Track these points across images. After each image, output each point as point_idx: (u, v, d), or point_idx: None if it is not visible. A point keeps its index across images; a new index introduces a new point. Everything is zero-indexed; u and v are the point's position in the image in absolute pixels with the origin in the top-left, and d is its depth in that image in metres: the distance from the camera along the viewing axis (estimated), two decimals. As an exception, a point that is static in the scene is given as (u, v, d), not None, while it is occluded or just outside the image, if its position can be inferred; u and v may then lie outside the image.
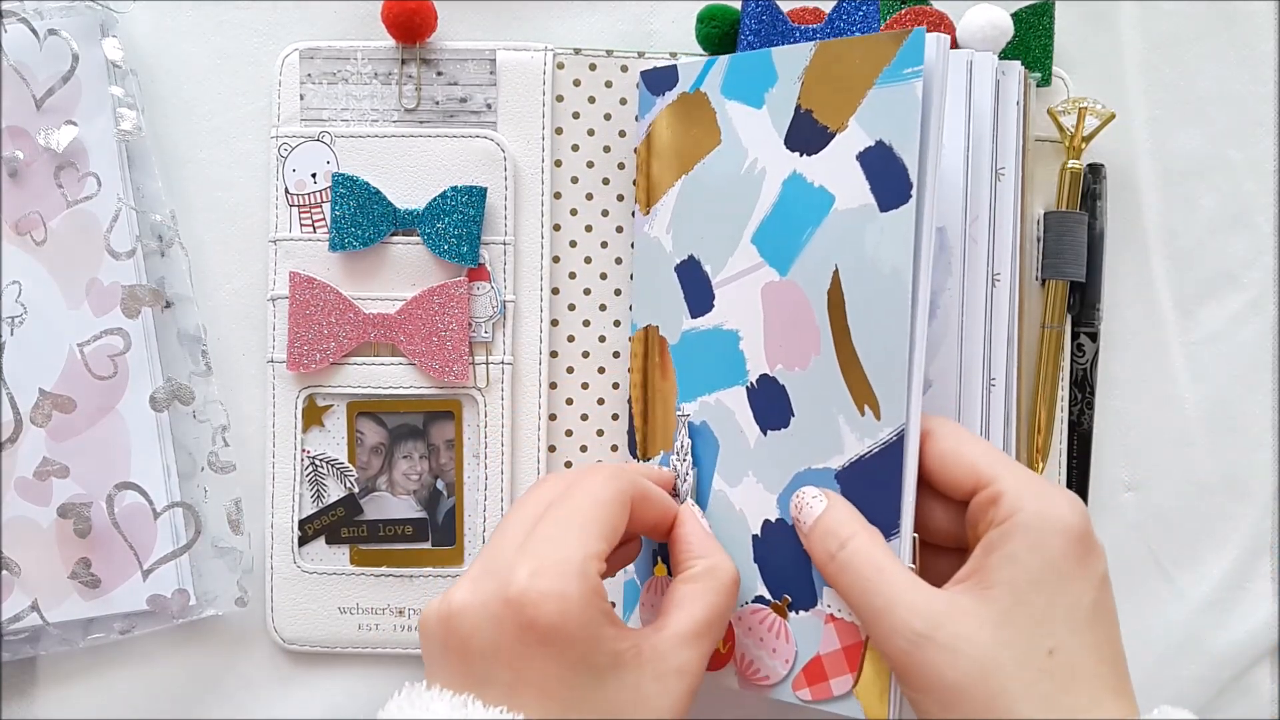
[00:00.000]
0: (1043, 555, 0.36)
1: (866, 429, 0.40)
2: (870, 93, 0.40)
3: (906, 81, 0.39)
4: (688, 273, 0.46)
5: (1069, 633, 0.35)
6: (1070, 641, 0.35)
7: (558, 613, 0.34)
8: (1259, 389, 0.53)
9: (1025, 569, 0.36)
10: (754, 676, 0.43)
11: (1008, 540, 0.36)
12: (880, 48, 0.40)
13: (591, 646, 0.35)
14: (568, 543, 0.36)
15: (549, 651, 0.35)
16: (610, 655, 0.36)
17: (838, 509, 0.39)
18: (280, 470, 0.50)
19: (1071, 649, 0.35)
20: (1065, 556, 0.36)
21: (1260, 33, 0.53)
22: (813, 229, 0.42)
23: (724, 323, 0.45)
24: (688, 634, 0.37)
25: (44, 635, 0.49)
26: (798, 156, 0.42)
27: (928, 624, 0.35)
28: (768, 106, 0.43)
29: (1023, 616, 0.35)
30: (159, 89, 0.52)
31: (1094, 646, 0.35)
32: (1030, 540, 0.36)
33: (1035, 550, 0.36)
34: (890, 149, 0.40)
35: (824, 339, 0.41)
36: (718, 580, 0.39)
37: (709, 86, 0.46)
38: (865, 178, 0.40)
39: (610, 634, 0.36)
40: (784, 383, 0.42)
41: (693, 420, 0.46)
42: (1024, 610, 0.35)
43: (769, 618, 0.43)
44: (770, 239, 0.43)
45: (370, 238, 0.49)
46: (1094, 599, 0.36)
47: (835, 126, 0.41)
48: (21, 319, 0.49)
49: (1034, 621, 0.35)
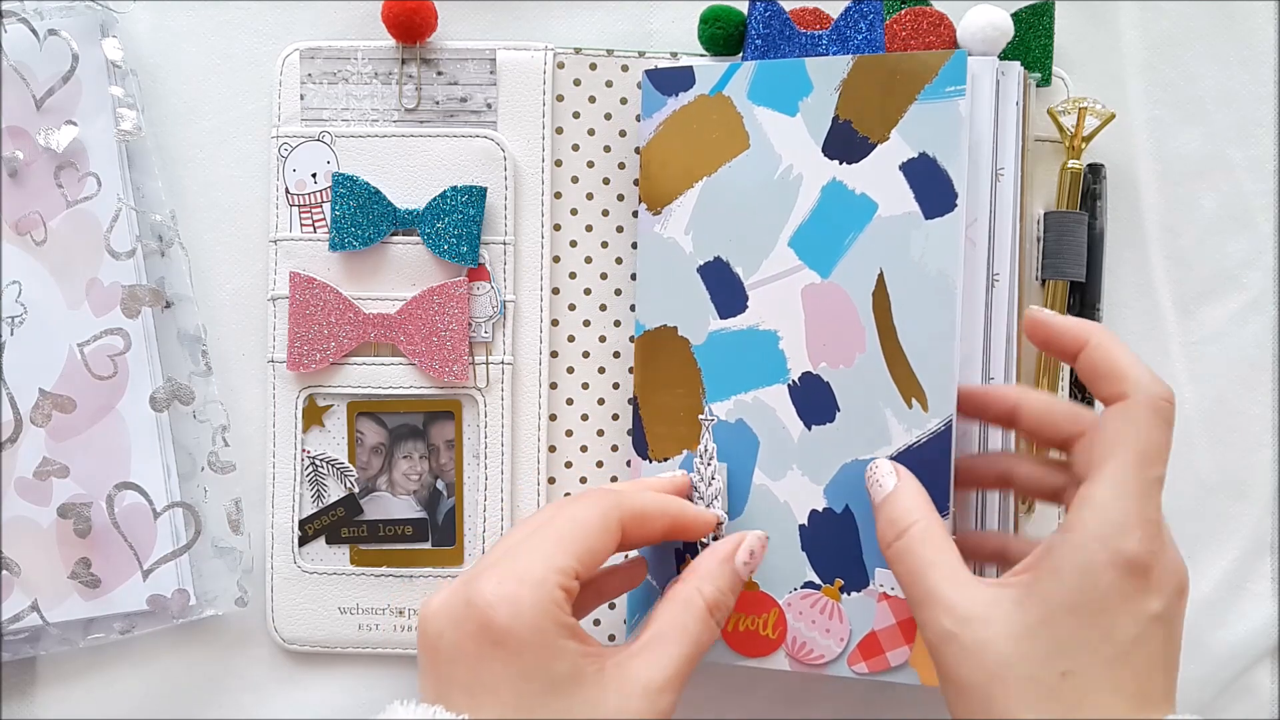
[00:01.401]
0: (1088, 582, 0.35)
1: (915, 420, 0.44)
2: (913, 107, 0.44)
3: (949, 99, 0.44)
4: (714, 274, 0.47)
5: (1090, 662, 0.34)
6: (1089, 670, 0.34)
7: (510, 616, 0.35)
8: (1259, 389, 0.53)
9: (1066, 590, 0.35)
10: (807, 657, 0.46)
11: (1061, 553, 0.35)
12: (923, 66, 0.44)
13: (546, 655, 0.35)
14: (535, 557, 0.37)
15: (502, 655, 0.35)
16: (569, 668, 0.36)
17: (901, 496, 0.40)
18: (280, 470, 0.50)
19: (1088, 677, 0.34)
20: (1112, 589, 0.34)
21: (1260, 33, 0.53)
22: (855, 234, 0.45)
23: (760, 323, 0.47)
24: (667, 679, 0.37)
25: (44, 635, 0.49)
26: (837, 164, 0.45)
27: (956, 623, 0.36)
28: (802, 114, 0.46)
29: (1048, 635, 0.35)
30: (159, 89, 0.52)
31: (1114, 681, 0.34)
32: (1080, 563, 0.35)
33: (1082, 576, 0.35)
34: (935, 161, 0.44)
35: (869, 337, 0.45)
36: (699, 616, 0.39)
37: (733, 91, 0.47)
38: (909, 187, 0.44)
39: (570, 647, 0.36)
40: (828, 379, 0.45)
41: (726, 419, 0.47)
42: (1052, 630, 0.35)
43: (820, 600, 0.46)
44: (809, 242, 0.46)
45: (370, 238, 0.49)
46: (1135, 635, 0.34)
47: (876, 137, 0.45)
48: (21, 319, 0.49)
49: (1057, 642, 0.35)
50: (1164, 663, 0.36)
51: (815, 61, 0.46)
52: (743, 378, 0.47)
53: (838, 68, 0.46)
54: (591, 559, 0.38)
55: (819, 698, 0.51)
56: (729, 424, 0.47)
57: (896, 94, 0.45)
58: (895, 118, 0.45)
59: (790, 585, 0.46)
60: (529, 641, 0.35)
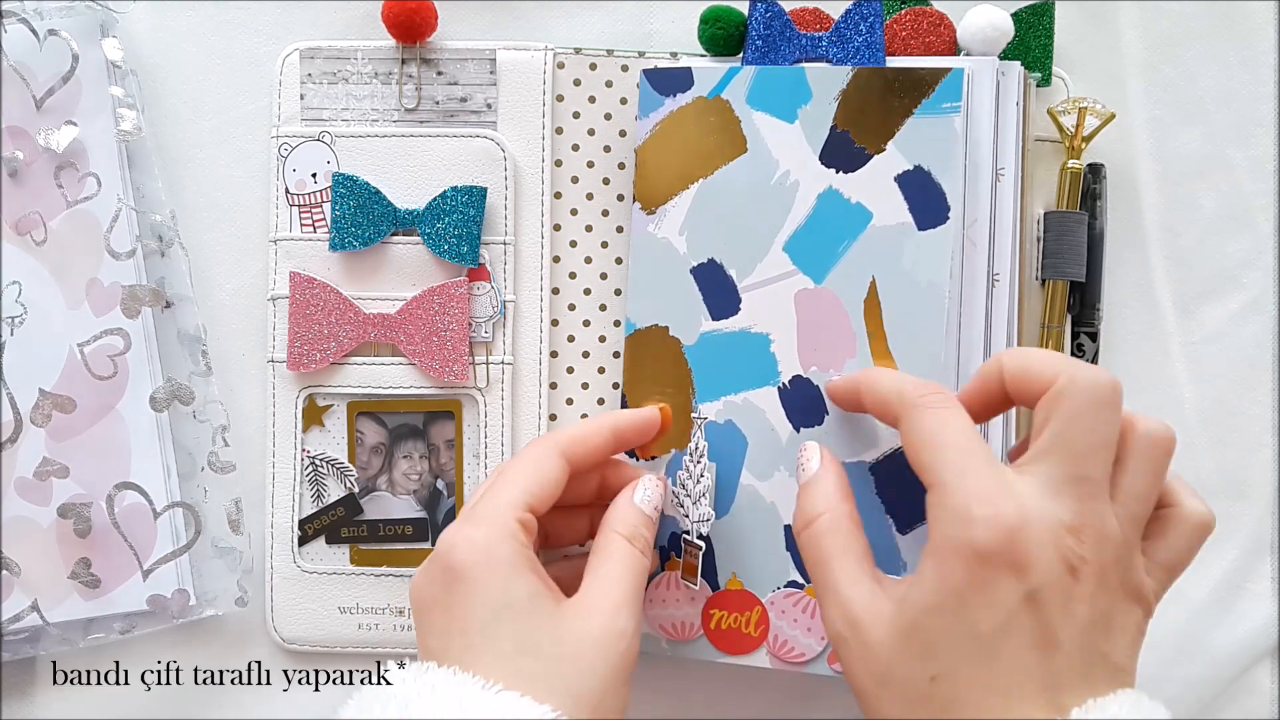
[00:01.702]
0: (944, 584, 0.34)
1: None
2: (909, 120, 0.45)
3: (945, 115, 0.45)
4: (707, 275, 0.48)
5: (955, 662, 0.34)
6: (956, 671, 0.34)
7: (466, 550, 0.38)
8: (1259, 389, 0.53)
9: (925, 592, 0.34)
10: (788, 655, 0.46)
11: (925, 559, 0.35)
12: (921, 80, 0.45)
13: (503, 582, 0.37)
14: (486, 502, 0.40)
15: (463, 590, 0.37)
16: (527, 593, 0.37)
17: (818, 482, 0.40)
18: (280, 470, 0.50)
19: (955, 679, 0.34)
20: (965, 583, 0.33)
21: (1260, 33, 0.53)
22: (849, 241, 0.46)
23: (752, 325, 0.47)
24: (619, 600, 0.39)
25: (44, 635, 0.49)
26: (834, 173, 0.46)
27: (845, 626, 0.37)
28: (801, 122, 0.47)
29: (918, 639, 0.34)
30: (159, 89, 0.52)
31: (985, 680, 0.33)
32: (937, 567, 0.34)
33: (939, 578, 0.34)
34: (929, 174, 0.45)
35: (860, 343, 0.45)
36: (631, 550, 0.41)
37: (732, 94, 0.48)
38: (904, 198, 0.45)
39: (529, 578, 0.38)
40: (818, 383, 0.46)
41: (715, 420, 0.47)
42: (920, 633, 0.34)
43: (802, 599, 0.46)
44: (804, 248, 0.46)
45: (370, 238, 0.49)
46: (1001, 623, 0.33)
47: (873, 148, 0.46)
48: (21, 319, 0.49)
49: (925, 645, 0.34)
50: (1058, 638, 0.33)
51: (815, 70, 0.47)
52: (733, 379, 0.47)
53: (837, 78, 0.46)
54: (541, 490, 0.40)
55: (816, 699, 0.51)
56: (718, 424, 0.47)
57: (894, 107, 0.46)
58: (892, 130, 0.46)
59: (774, 584, 0.46)
60: (486, 570, 0.37)
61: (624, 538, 0.41)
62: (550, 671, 0.36)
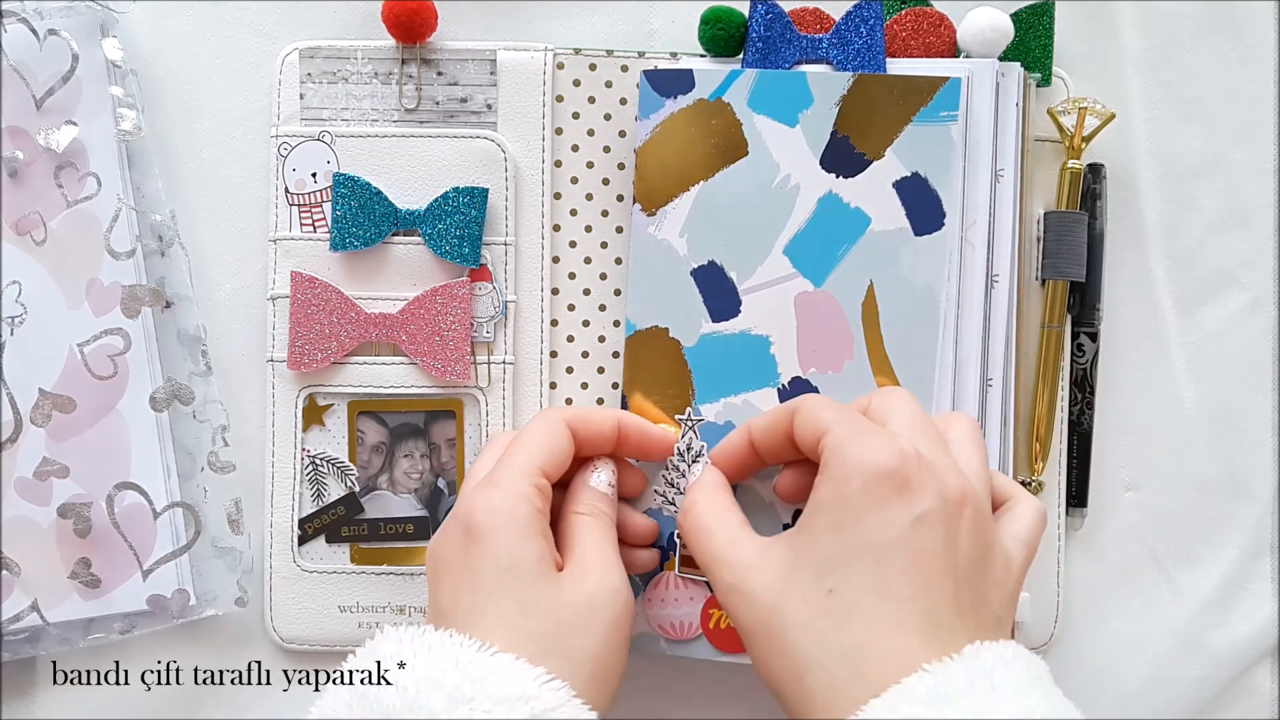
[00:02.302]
0: (839, 495, 0.36)
1: None
2: (908, 128, 0.46)
3: (942, 123, 0.46)
4: (708, 277, 0.48)
5: (851, 572, 0.35)
6: (852, 580, 0.35)
7: (485, 510, 0.39)
8: (1259, 389, 0.53)
9: (823, 511, 0.37)
10: None
11: (819, 484, 0.37)
12: (920, 89, 0.46)
13: (516, 542, 0.39)
14: (503, 468, 0.41)
15: (478, 549, 0.38)
16: (537, 555, 0.39)
17: (701, 481, 0.43)
18: (280, 470, 0.50)
19: (852, 587, 0.35)
20: (862, 495, 0.36)
21: (1260, 33, 0.53)
22: (849, 245, 0.47)
23: (753, 327, 0.47)
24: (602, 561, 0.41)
25: (44, 635, 0.49)
26: (834, 177, 0.47)
27: (734, 574, 0.38)
28: (802, 126, 0.47)
29: (813, 558, 0.36)
30: (159, 89, 0.52)
31: (879, 584, 0.35)
32: (833, 481, 0.36)
33: (833, 490, 0.36)
34: (926, 181, 0.46)
35: (858, 345, 0.46)
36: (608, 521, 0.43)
37: (733, 97, 0.48)
38: (901, 204, 0.46)
39: (540, 542, 0.39)
40: (816, 384, 0.47)
41: (714, 421, 0.47)
42: (814, 552, 0.36)
43: None
44: (804, 251, 0.47)
45: (371, 238, 0.49)
46: (893, 538, 0.35)
47: (872, 154, 0.47)
48: (21, 319, 0.49)
49: (822, 562, 0.36)
50: (949, 559, 0.35)
51: (816, 75, 0.47)
52: (733, 380, 0.48)
53: (838, 83, 0.47)
54: (553, 457, 0.42)
55: None
56: (717, 425, 0.47)
57: (893, 114, 0.46)
58: (891, 137, 0.46)
59: None
60: (502, 531, 0.39)
61: (589, 516, 0.43)
62: (549, 633, 0.37)
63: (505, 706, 0.34)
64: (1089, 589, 0.52)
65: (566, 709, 0.35)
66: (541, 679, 0.35)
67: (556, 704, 0.35)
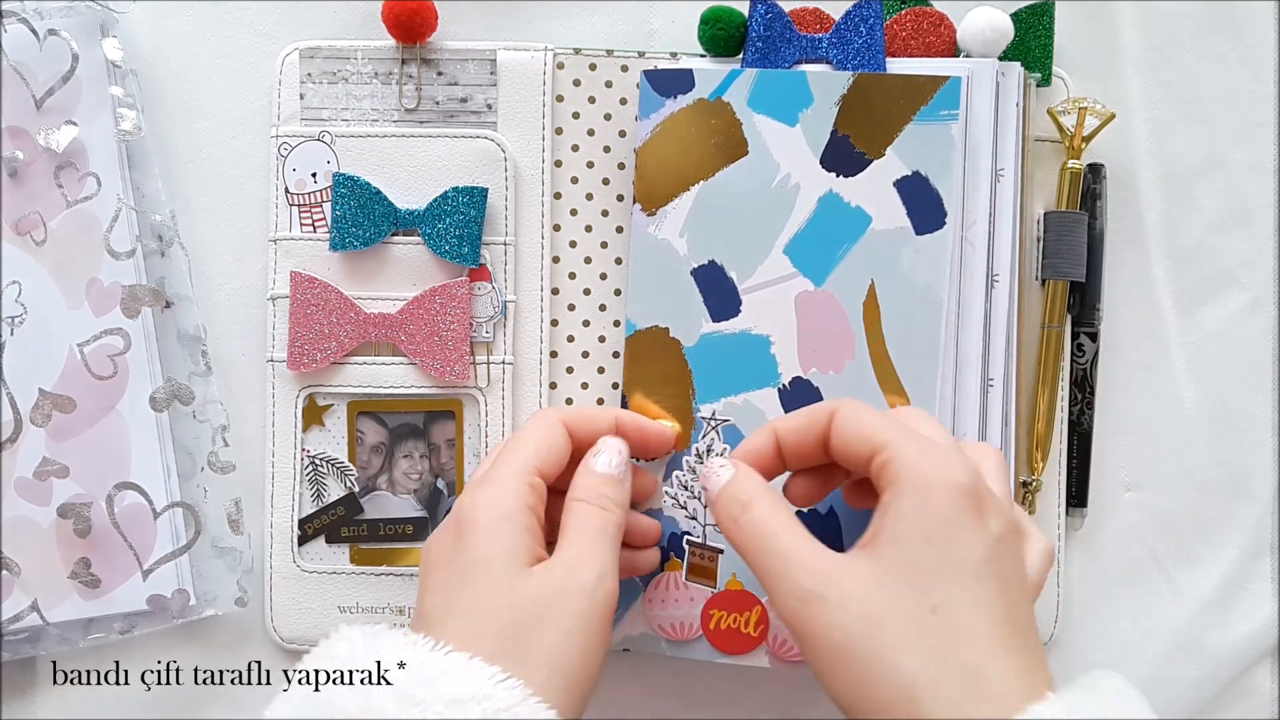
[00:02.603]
0: (928, 510, 0.35)
1: None
2: (908, 127, 0.46)
3: (943, 122, 0.46)
4: (708, 277, 0.48)
5: (956, 589, 0.35)
6: (957, 598, 0.34)
7: (473, 507, 0.39)
8: (1259, 389, 0.53)
9: (911, 524, 0.35)
10: (788, 655, 0.47)
11: (897, 499, 0.36)
12: (920, 88, 0.46)
13: (501, 536, 0.38)
14: (498, 467, 0.41)
15: (466, 544, 0.38)
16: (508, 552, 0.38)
17: (742, 477, 0.40)
18: (280, 470, 0.50)
19: (957, 605, 0.34)
20: (953, 511, 0.35)
21: (1260, 33, 0.53)
22: (849, 245, 0.47)
23: (753, 327, 0.47)
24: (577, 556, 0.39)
25: (44, 635, 0.49)
26: (834, 177, 0.47)
27: (817, 581, 0.36)
28: (802, 125, 0.47)
29: (907, 572, 0.35)
30: (159, 89, 0.52)
31: (983, 604, 0.34)
32: (916, 496, 0.36)
33: (920, 505, 0.35)
34: (926, 180, 0.46)
35: (859, 345, 0.46)
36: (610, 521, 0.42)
37: (733, 97, 0.48)
38: (902, 203, 0.46)
39: (528, 538, 0.39)
40: (818, 385, 0.47)
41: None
42: (909, 566, 0.35)
43: None
44: (804, 251, 0.47)
45: (371, 238, 0.49)
46: (985, 556, 0.35)
47: (873, 154, 0.46)
48: (21, 319, 0.49)
49: (918, 577, 0.35)
50: (1019, 583, 0.36)
51: (816, 75, 0.47)
52: (733, 380, 0.47)
53: (838, 83, 0.47)
54: (549, 456, 0.42)
55: (816, 698, 0.51)
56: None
57: (893, 113, 0.46)
58: (891, 136, 0.46)
59: None
60: (490, 525, 0.39)
61: (584, 501, 0.41)
62: (507, 630, 0.36)
63: (457, 707, 0.33)
64: (1089, 589, 0.52)
65: (522, 708, 0.34)
66: (496, 678, 0.34)
67: (511, 703, 0.34)
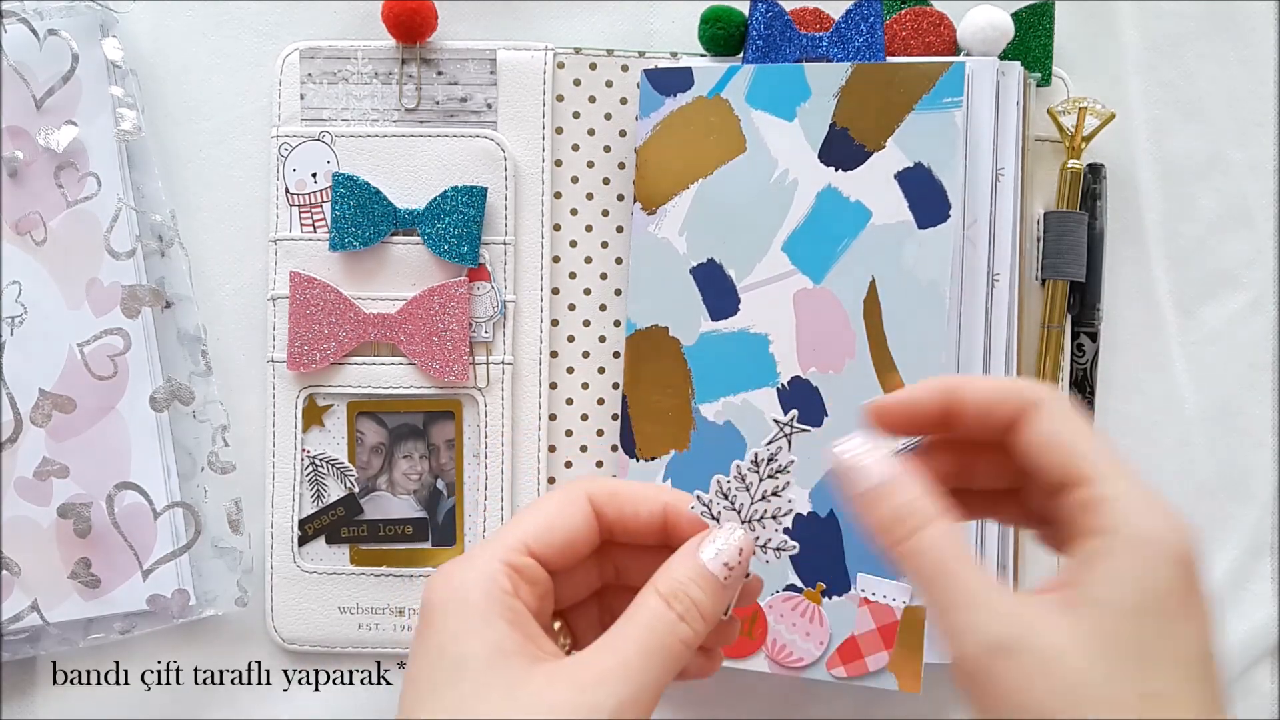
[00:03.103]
0: (1151, 583, 0.30)
1: None
2: (910, 116, 0.45)
3: (946, 110, 0.44)
4: (707, 276, 0.48)
5: (1176, 680, 0.30)
6: (1176, 691, 0.30)
7: (437, 589, 0.32)
8: (1259, 389, 0.53)
9: (1129, 593, 0.30)
10: (787, 660, 0.46)
11: (1110, 556, 0.30)
12: (921, 75, 0.45)
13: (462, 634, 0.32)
14: (486, 541, 0.34)
15: (425, 632, 0.32)
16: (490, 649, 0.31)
17: (906, 489, 0.33)
18: (280, 470, 0.50)
19: (1175, 700, 0.29)
20: (1175, 591, 0.30)
21: (1260, 33, 0.53)
22: (849, 241, 0.46)
23: (751, 326, 0.47)
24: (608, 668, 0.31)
25: (44, 635, 0.49)
26: (833, 171, 0.46)
27: (1012, 632, 0.30)
28: (800, 120, 0.47)
29: (1123, 648, 0.30)
30: (159, 89, 0.52)
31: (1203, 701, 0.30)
32: (1137, 561, 0.30)
33: (1143, 575, 0.30)
34: (929, 171, 0.44)
35: (860, 344, 0.45)
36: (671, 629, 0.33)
37: (731, 94, 0.48)
38: (904, 196, 0.45)
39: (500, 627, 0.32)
40: (817, 384, 0.46)
41: (714, 420, 0.47)
42: (1124, 641, 0.30)
43: (801, 604, 0.46)
44: (803, 248, 0.46)
45: (370, 237, 0.49)
46: (1205, 650, 0.30)
47: (872, 146, 0.45)
48: (21, 319, 0.49)
49: (1135, 657, 0.30)
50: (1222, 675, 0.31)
51: (814, 67, 0.47)
52: (732, 380, 0.47)
53: (837, 74, 0.46)
54: (554, 535, 0.34)
55: (814, 703, 0.51)
56: (716, 425, 0.47)
57: (894, 103, 0.45)
58: (892, 126, 0.45)
59: (773, 588, 0.46)
60: (450, 614, 0.32)
61: (659, 596, 0.33)
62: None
63: None
64: (1089, 589, 0.52)
65: None
66: None
67: None
